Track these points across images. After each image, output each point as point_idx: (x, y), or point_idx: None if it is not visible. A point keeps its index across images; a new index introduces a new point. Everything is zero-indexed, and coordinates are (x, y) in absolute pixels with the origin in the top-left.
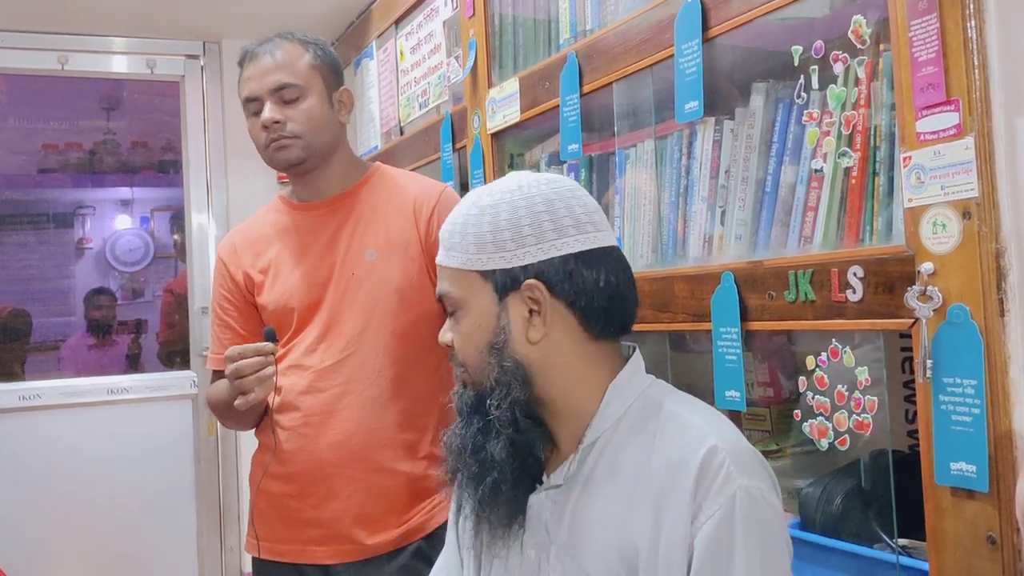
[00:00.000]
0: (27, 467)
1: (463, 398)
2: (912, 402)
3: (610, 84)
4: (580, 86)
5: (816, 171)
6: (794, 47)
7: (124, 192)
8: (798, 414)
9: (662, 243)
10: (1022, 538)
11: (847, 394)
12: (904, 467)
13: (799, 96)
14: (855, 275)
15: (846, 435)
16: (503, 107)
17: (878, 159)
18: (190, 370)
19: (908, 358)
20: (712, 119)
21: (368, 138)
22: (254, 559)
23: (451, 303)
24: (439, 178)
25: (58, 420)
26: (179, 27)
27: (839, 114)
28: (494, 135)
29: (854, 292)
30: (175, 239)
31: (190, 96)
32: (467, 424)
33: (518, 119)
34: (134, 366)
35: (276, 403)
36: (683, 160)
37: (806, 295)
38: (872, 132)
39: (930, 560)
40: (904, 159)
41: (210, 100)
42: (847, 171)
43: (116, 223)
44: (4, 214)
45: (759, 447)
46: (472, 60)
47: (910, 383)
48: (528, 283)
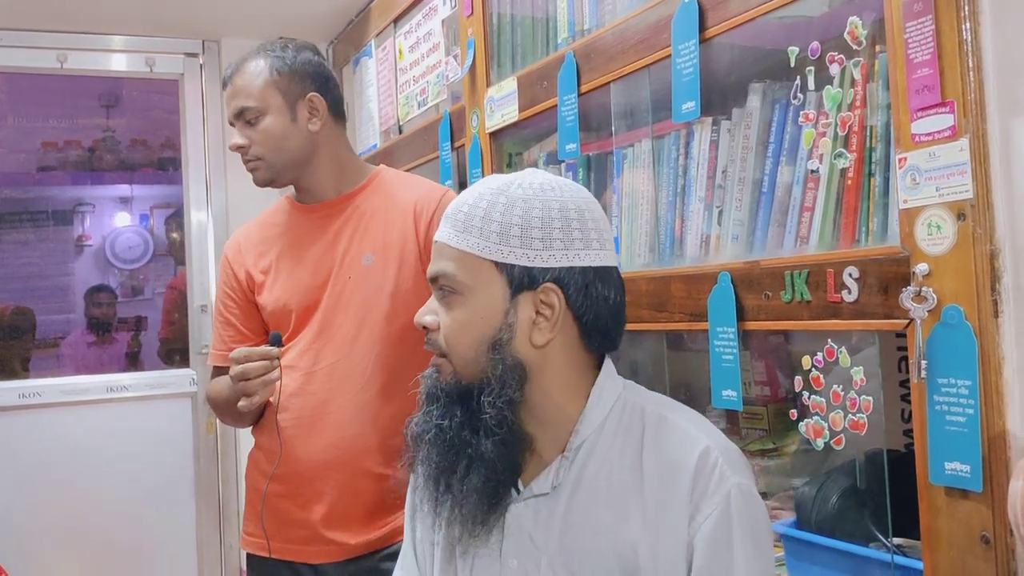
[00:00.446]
0: (27, 465)
1: (439, 384)
2: (908, 401)
3: (608, 84)
4: (578, 85)
5: (812, 172)
6: (790, 48)
7: (124, 189)
8: (794, 414)
9: (659, 243)
10: (1015, 538)
11: (842, 394)
12: (899, 466)
13: (795, 97)
14: (851, 276)
15: (841, 435)
16: (501, 106)
17: (874, 160)
18: (189, 368)
19: (904, 358)
20: (709, 119)
21: (367, 137)
22: (248, 555)
23: (451, 286)
24: (438, 177)
25: (58, 418)
26: (178, 25)
27: (835, 115)
28: (492, 134)
29: (850, 293)
30: (172, 238)
31: (189, 94)
32: (446, 414)
33: (516, 118)
34: (134, 363)
35: (275, 405)
36: (680, 160)
37: (802, 295)
38: (868, 133)
39: (924, 559)
40: (899, 160)
41: (209, 98)
42: (843, 172)
43: (116, 220)
44: (4, 212)
45: (756, 446)
46: (470, 59)
47: (906, 382)
48: (546, 286)
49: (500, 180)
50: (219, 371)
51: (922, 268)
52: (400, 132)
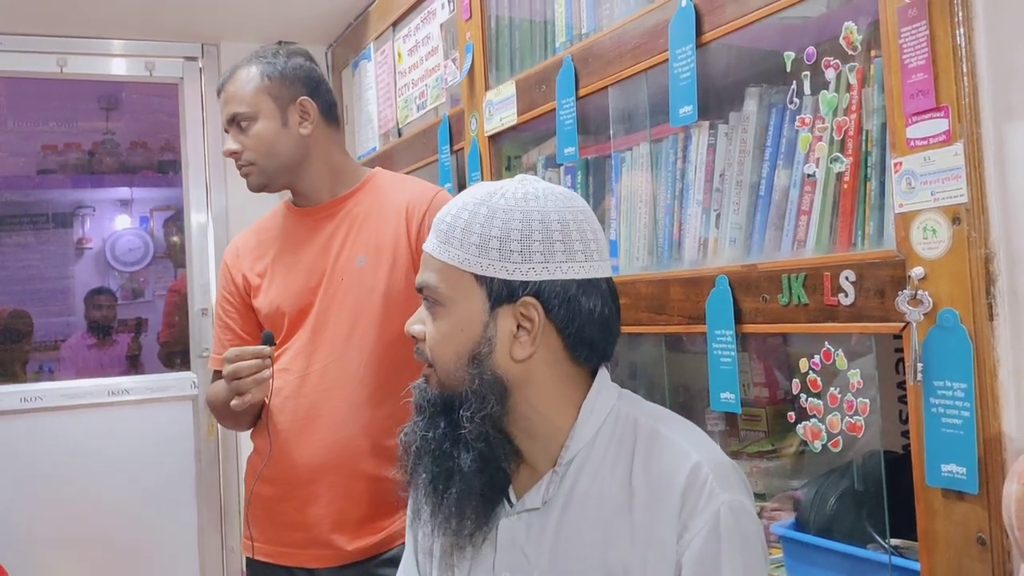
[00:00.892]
0: (29, 469)
1: (426, 395)
2: (906, 403)
3: (605, 88)
4: (576, 89)
5: (809, 176)
6: (786, 53)
7: (123, 192)
8: (792, 416)
9: (658, 246)
10: (1010, 540)
11: (840, 396)
12: (897, 468)
13: (792, 101)
14: (847, 279)
15: (839, 437)
16: (500, 110)
17: (869, 164)
18: (190, 371)
19: (901, 359)
20: (706, 123)
21: (366, 140)
22: (248, 559)
23: (434, 297)
24: (437, 180)
25: (59, 422)
26: (177, 29)
27: (831, 119)
28: (491, 137)
29: (846, 296)
30: (173, 241)
31: (189, 98)
32: (431, 425)
33: (515, 122)
34: (134, 366)
35: (267, 406)
36: (678, 164)
37: (799, 298)
38: (864, 137)
39: (921, 560)
40: (895, 165)
41: (209, 102)
42: (839, 176)
43: (116, 223)
44: (4, 215)
45: (755, 447)
46: (469, 63)
47: (904, 384)
48: (525, 300)
49: (485, 190)
50: (219, 375)
51: (918, 272)
52: (399, 135)
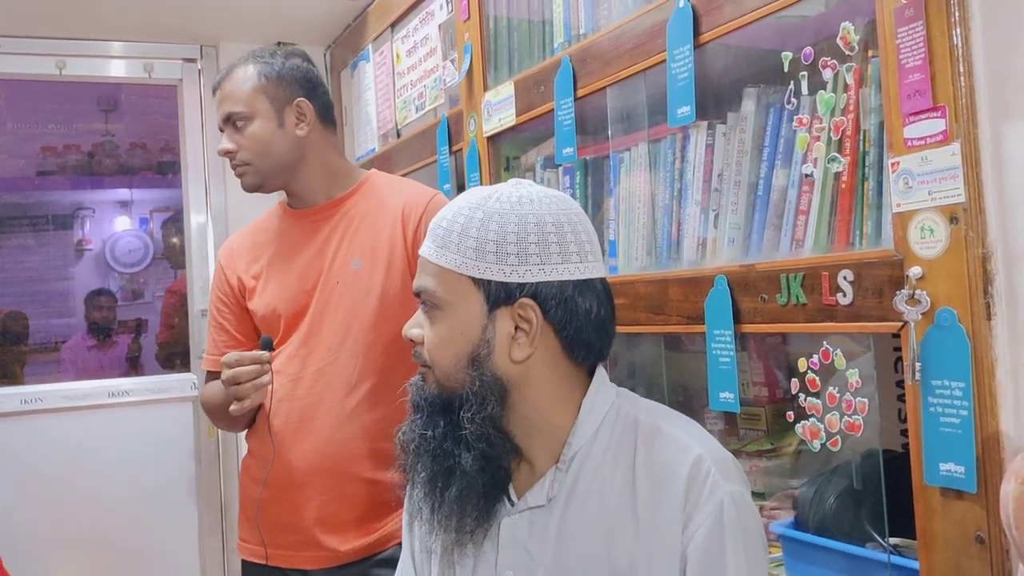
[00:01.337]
0: (30, 470)
1: (424, 394)
2: (905, 402)
3: (604, 88)
4: (574, 90)
5: (807, 176)
6: (784, 53)
7: (123, 193)
8: (791, 415)
9: (657, 246)
10: (1008, 538)
11: (838, 396)
12: (896, 467)
13: (789, 101)
14: (845, 279)
15: (837, 436)
16: (498, 110)
17: (867, 164)
18: (190, 372)
19: (900, 358)
20: (704, 123)
21: (365, 141)
22: (243, 561)
23: (432, 301)
24: (436, 181)
25: (60, 423)
26: (176, 31)
27: (828, 119)
28: (490, 138)
29: (844, 295)
30: (172, 243)
31: (188, 100)
32: (430, 424)
33: (513, 122)
34: (134, 367)
35: (263, 409)
36: (677, 164)
37: (797, 298)
38: (861, 137)
39: (920, 559)
40: (892, 164)
41: (208, 103)
42: (837, 176)
43: (115, 224)
44: (4, 217)
45: (755, 447)
46: (467, 63)
47: (903, 383)
48: (523, 301)
49: (479, 194)
50: (213, 376)
51: (915, 271)
52: (398, 136)
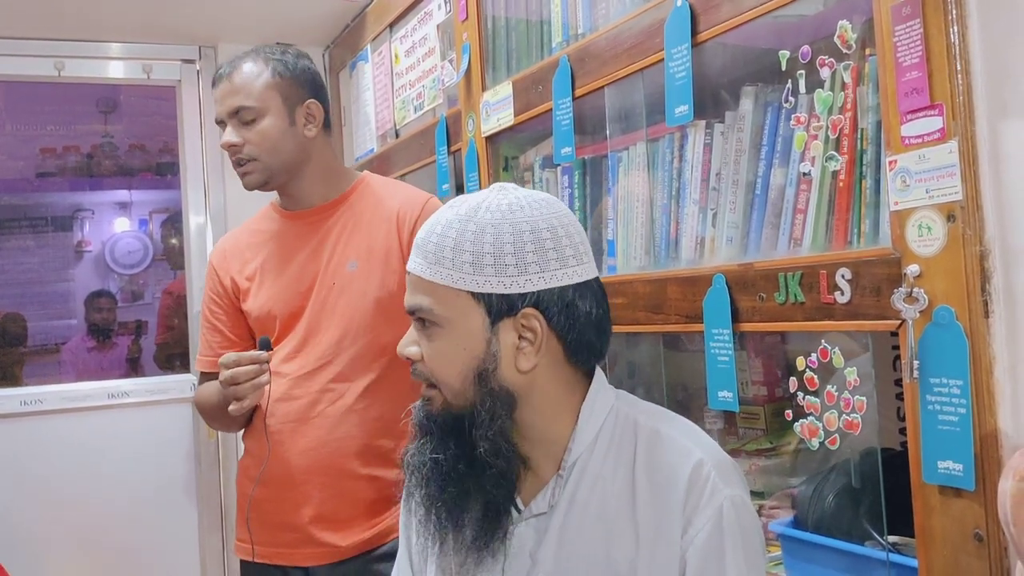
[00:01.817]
0: (29, 472)
1: (430, 416)
2: (903, 400)
3: (602, 88)
4: (572, 89)
5: (804, 174)
6: (781, 52)
7: (122, 195)
8: (789, 414)
9: (655, 245)
10: (1006, 536)
11: (836, 394)
12: (895, 465)
13: (787, 100)
14: (843, 277)
15: (836, 435)
16: (497, 110)
17: (865, 162)
18: (189, 373)
19: (898, 356)
20: (702, 122)
21: (364, 141)
22: (242, 561)
23: (429, 319)
24: (435, 181)
25: (60, 425)
26: (175, 32)
27: (826, 118)
28: (488, 138)
29: (842, 294)
30: (171, 244)
31: (187, 100)
32: (441, 447)
33: (512, 122)
34: (134, 368)
35: (260, 409)
36: (675, 163)
37: (796, 297)
38: (859, 136)
39: (919, 557)
40: (890, 163)
41: (206, 104)
42: (834, 174)
43: (115, 226)
44: (3, 218)
45: (754, 445)
46: (466, 63)
47: (901, 381)
48: (526, 311)
49: (467, 205)
50: (207, 377)
51: (913, 269)
52: (397, 136)
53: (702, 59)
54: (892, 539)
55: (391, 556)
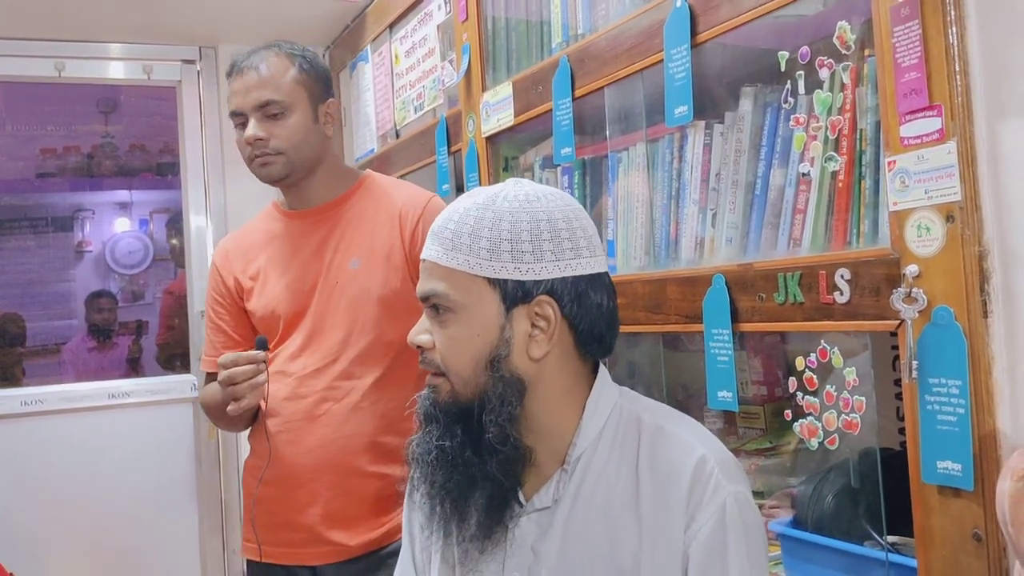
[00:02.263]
0: (30, 472)
1: (438, 404)
2: (902, 400)
3: (602, 88)
4: (572, 90)
5: (804, 175)
6: (780, 52)
7: (123, 195)
8: (789, 414)
9: (655, 245)
10: (1005, 536)
11: (836, 394)
12: (894, 465)
13: (786, 101)
14: (842, 277)
15: (835, 434)
16: (497, 111)
17: (864, 163)
18: (190, 374)
19: (897, 357)
20: (702, 123)
21: (364, 141)
22: (248, 561)
23: (444, 304)
24: (435, 181)
25: (60, 425)
26: (175, 32)
27: (825, 119)
28: (488, 139)
29: (841, 294)
30: (172, 243)
31: (187, 101)
32: (447, 434)
33: (512, 122)
34: (135, 368)
35: (262, 409)
36: (674, 163)
37: (795, 297)
38: (858, 136)
39: (918, 557)
40: (889, 163)
41: (207, 105)
42: (834, 175)
43: (115, 226)
44: (4, 219)
45: (753, 445)
46: (466, 64)
47: (900, 381)
48: (540, 299)
49: (485, 194)
50: (212, 377)
51: (912, 269)
52: (397, 137)
53: (701, 60)
54: (891, 539)
55: (398, 554)
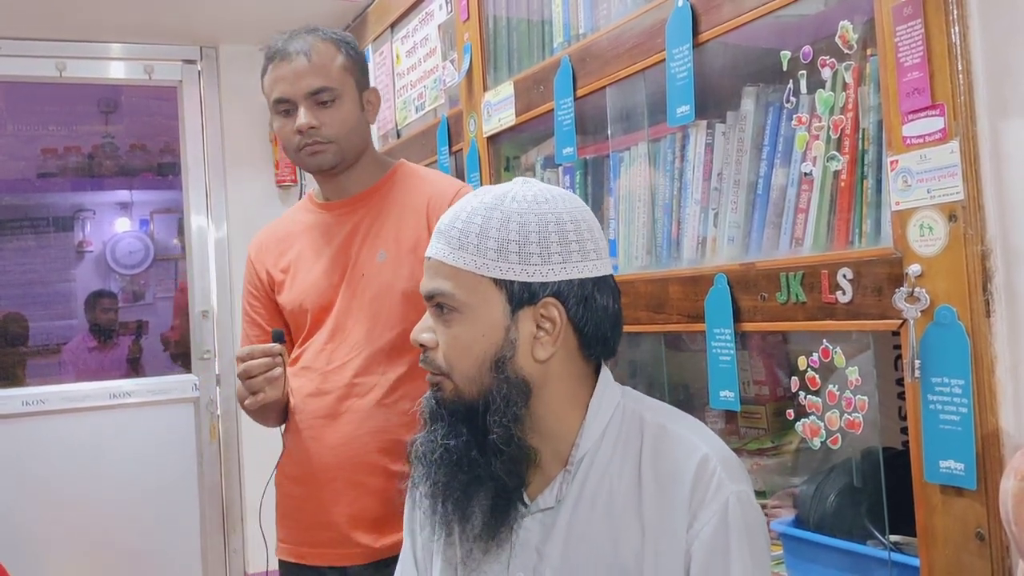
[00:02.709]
0: (31, 472)
1: (442, 403)
2: (904, 399)
3: (603, 88)
4: (574, 90)
5: (806, 174)
6: (782, 52)
7: (123, 195)
8: (791, 413)
9: (657, 245)
10: (1008, 535)
11: (838, 394)
12: (896, 464)
13: (788, 100)
14: (844, 277)
15: (837, 434)
16: (498, 110)
17: (866, 163)
18: (191, 374)
19: (900, 356)
20: (704, 122)
21: None
22: (280, 561)
23: (449, 304)
24: None
25: (61, 425)
26: (176, 32)
27: (827, 118)
28: (490, 138)
29: (844, 294)
30: (177, 242)
31: (188, 101)
32: (452, 433)
33: (513, 122)
34: (135, 368)
35: (291, 405)
36: (676, 163)
37: (797, 296)
38: (860, 136)
39: (921, 556)
40: (891, 163)
41: (208, 104)
42: (836, 174)
43: (116, 226)
44: (4, 219)
45: (755, 445)
46: (467, 64)
47: (902, 381)
48: (546, 300)
49: (493, 194)
50: None
51: (915, 269)
52: (398, 136)
53: (703, 59)
54: (894, 538)
55: None
